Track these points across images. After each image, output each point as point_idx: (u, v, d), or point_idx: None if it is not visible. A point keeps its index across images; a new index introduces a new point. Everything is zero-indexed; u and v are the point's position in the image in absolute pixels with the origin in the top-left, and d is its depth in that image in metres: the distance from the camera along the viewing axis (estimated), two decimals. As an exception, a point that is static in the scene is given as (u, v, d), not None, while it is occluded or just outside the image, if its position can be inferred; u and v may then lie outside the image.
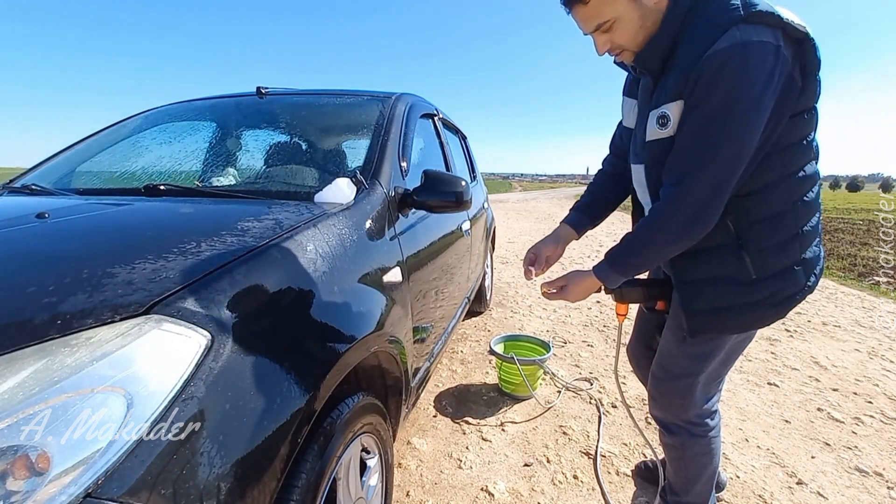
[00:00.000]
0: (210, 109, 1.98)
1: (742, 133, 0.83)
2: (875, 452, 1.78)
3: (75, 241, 0.88)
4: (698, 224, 0.90)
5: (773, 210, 0.94)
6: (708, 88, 0.84)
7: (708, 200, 0.88)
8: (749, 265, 0.96)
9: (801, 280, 0.97)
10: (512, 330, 3.11)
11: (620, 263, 1.01)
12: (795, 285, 0.97)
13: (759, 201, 0.93)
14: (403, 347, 1.24)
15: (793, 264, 0.96)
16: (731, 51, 0.81)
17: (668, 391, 1.18)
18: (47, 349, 0.56)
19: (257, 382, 0.69)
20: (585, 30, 0.95)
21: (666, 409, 1.22)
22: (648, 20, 0.91)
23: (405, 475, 1.63)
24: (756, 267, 0.96)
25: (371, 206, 1.25)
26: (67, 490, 0.49)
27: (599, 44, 0.95)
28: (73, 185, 1.50)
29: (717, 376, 1.15)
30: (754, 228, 0.95)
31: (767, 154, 0.90)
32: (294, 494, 0.74)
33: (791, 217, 0.94)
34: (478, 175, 3.49)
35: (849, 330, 3.21)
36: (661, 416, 1.24)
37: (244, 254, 0.80)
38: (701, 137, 0.86)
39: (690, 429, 1.20)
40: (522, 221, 10.59)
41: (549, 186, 62.63)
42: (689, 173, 0.88)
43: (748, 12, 0.81)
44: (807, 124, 0.91)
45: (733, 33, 0.81)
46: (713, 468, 1.25)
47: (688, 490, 1.29)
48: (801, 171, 0.93)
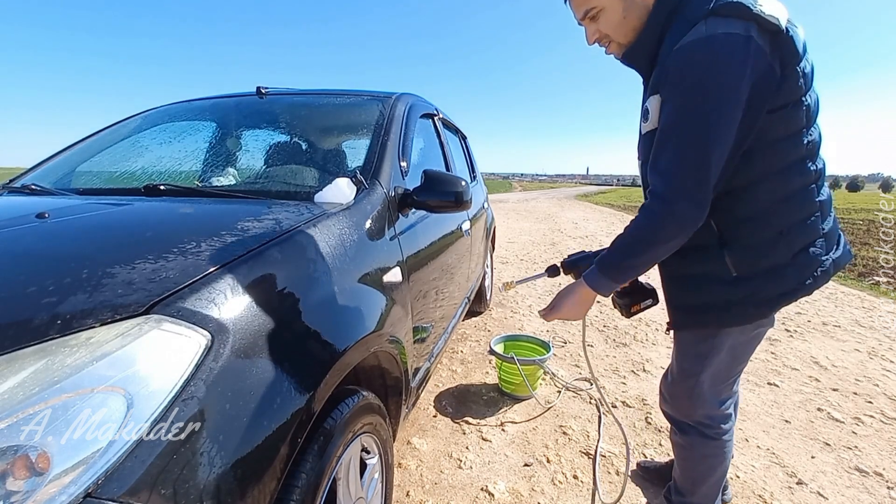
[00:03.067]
0: (210, 109, 1.98)
1: (716, 125, 0.82)
2: (875, 452, 1.78)
3: (75, 241, 0.88)
4: (685, 220, 0.88)
5: (757, 208, 0.92)
6: (676, 82, 0.85)
7: (690, 194, 0.86)
8: (729, 263, 0.95)
9: (790, 281, 0.94)
10: (512, 330, 3.11)
11: (612, 268, 0.99)
12: (782, 286, 0.94)
13: (743, 199, 0.92)
14: (403, 347, 1.24)
15: (779, 264, 0.94)
16: (695, 45, 0.82)
17: (676, 391, 1.19)
18: (47, 349, 0.56)
19: (257, 382, 0.69)
20: (577, 16, 1.00)
21: (676, 409, 1.22)
22: (633, 14, 0.94)
23: (405, 475, 1.63)
24: (737, 265, 0.95)
25: (371, 206, 1.25)
26: (67, 490, 0.49)
27: (589, 33, 1.01)
28: (72, 185, 1.50)
29: (724, 377, 1.12)
30: (738, 226, 0.94)
31: (750, 150, 0.88)
32: (294, 494, 0.74)
33: (777, 215, 0.92)
34: (478, 175, 3.49)
35: (849, 330, 3.21)
36: (672, 413, 1.24)
37: (244, 254, 0.80)
38: (675, 132, 0.86)
39: (701, 429, 1.18)
40: (522, 221, 10.59)
41: (549, 186, 62.66)
42: (668, 169, 0.87)
43: (717, 5, 0.81)
44: (793, 118, 0.88)
45: (699, 28, 0.82)
46: (721, 472, 1.23)
47: (693, 491, 1.27)
48: (789, 167, 0.91)
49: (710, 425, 1.17)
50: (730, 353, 1.08)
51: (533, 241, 7.45)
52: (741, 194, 0.92)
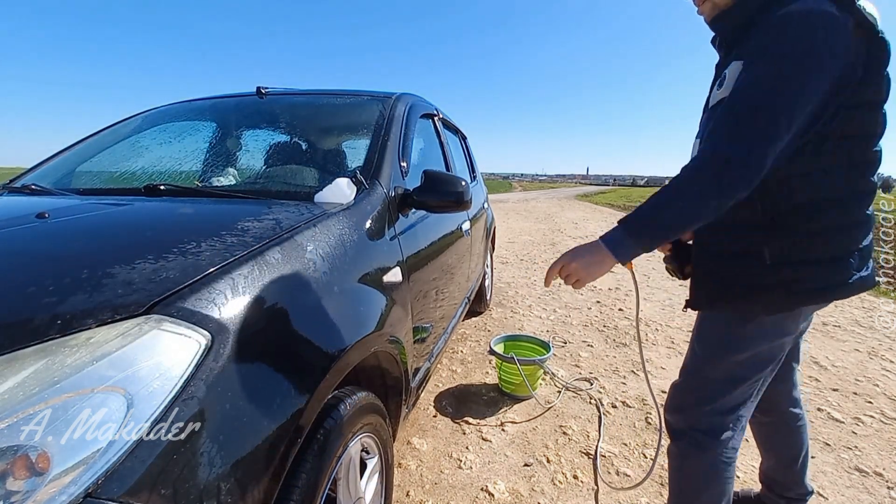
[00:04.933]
0: (210, 109, 1.99)
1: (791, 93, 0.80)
2: (875, 452, 1.78)
3: (75, 241, 0.88)
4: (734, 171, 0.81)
5: (809, 199, 0.89)
6: (766, 46, 0.83)
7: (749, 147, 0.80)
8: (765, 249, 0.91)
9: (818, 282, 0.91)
10: (512, 330, 3.11)
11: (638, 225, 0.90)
12: (809, 283, 0.91)
13: (797, 187, 0.88)
14: (403, 347, 1.24)
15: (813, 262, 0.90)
16: (790, 15, 0.81)
17: (687, 387, 1.11)
18: (47, 349, 0.56)
19: (257, 382, 0.69)
20: None
21: (678, 410, 1.12)
22: None
23: (405, 475, 1.63)
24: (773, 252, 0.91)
25: (371, 206, 1.25)
26: (67, 490, 0.49)
27: None
28: (73, 185, 1.50)
29: (739, 378, 1.02)
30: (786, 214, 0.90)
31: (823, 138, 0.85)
32: (294, 494, 0.74)
33: (826, 213, 0.89)
34: (478, 175, 3.49)
35: (849, 330, 3.21)
36: (670, 418, 1.15)
37: (244, 254, 0.80)
38: (748, 93, 0.84)
39: (696, 436, 1.06)
40: (522, 221, 10.59)
41: (549, 186, 62.62)
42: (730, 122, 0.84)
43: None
44: (870, 120, 0.86)
45: (798, 3, 0.81)
46: (717, 496, 1.06)
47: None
48: (852, 168, 0.88)
49: (707, 430, 1.05)
50: (749, 351, 1.00)
51: (533, 240, 7.45)
52: (797, 182, 0.88)
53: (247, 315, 0.73)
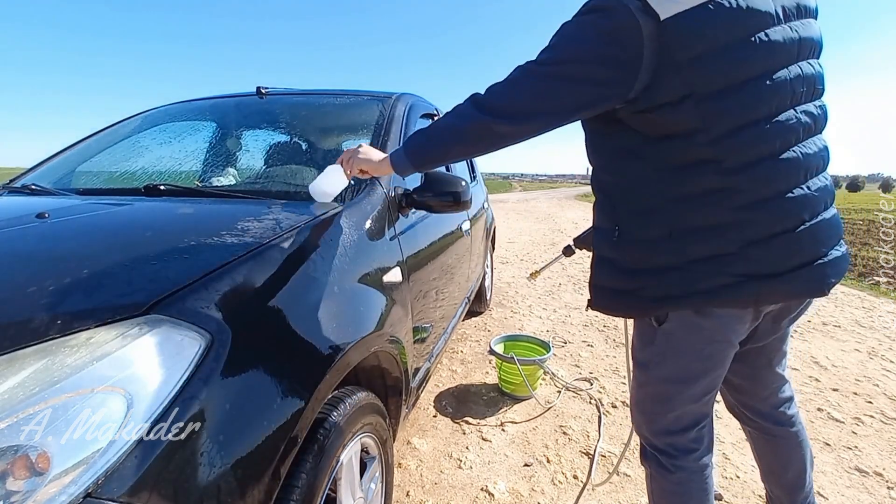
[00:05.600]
0: (210, 109, 1.99)
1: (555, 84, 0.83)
2: (875, 452, 1.78)
3: (75, 241, 0.88)
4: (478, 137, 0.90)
5: (645, 204, 0.88)
6: None
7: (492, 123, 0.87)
8: (624, 254, 0.93)
9: (675, 287, 0.86)
10: (512, 330, 3.11)
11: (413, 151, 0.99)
12: (665, 289, 0.87)
13: (633, 192, 0.90)
14: (403, 347, 1.24)
15: (666, 266, 0.87)
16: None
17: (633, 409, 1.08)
18: (47, 349, 0.56)
19: (257, 382, 0.69)
20: None
21: (637, 431, 1.08)
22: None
23: (405, 475, 1.63)
24: (629, 257, 0.92)
25: (371, 205, 1.25)
26: (67, 490, 0.49)
27: None
28: (73, 185, 1.50)
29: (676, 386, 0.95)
30: (629, 219, 0.92)
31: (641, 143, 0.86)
32: (294, 494, 0.74)
33: (666, 215, 0.86)
34: (478, 175, 3.49)
35: (849, 330, 3.21)
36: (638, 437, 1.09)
37: (244, 254, 0.80)
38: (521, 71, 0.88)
39: (658, 456, 1.01)
40: (522, 221, 10.59)
41: (549, 186, 62.62)
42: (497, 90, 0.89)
43: None
44: (686, 116, 0.79)
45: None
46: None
47: None
48: (682, 168, 0.83)
49: (665, 451, 1.00)
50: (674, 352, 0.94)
51: (533, 240, 7.45)
52: (633, 187, 0.90)
53: (247, 315, 0.73)
